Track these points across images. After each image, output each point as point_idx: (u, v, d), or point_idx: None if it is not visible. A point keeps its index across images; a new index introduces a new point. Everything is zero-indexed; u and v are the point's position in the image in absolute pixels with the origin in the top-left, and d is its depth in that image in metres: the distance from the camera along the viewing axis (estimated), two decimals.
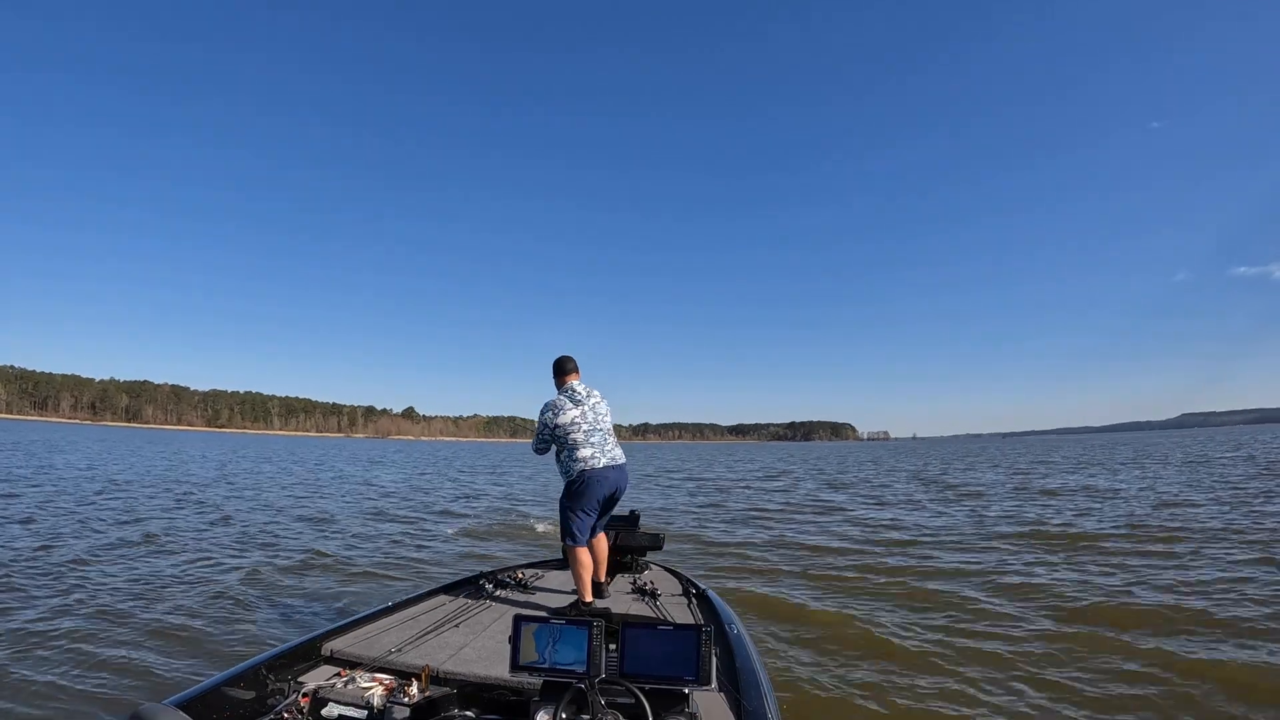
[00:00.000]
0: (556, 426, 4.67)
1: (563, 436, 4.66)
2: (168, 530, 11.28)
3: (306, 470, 31.71)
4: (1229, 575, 8.03)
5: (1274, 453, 38.82)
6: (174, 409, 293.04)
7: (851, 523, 14.33)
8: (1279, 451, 39.49)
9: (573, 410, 4.68)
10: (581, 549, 4.53)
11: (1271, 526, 11.51)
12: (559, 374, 4.91)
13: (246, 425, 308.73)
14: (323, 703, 2.78)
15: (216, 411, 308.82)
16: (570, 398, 4.73)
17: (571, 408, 4.69)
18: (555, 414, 4.67)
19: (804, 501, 19.31)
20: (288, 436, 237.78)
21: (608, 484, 4.69)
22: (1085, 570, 8.72)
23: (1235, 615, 6.53)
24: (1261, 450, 42.36)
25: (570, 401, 4.71)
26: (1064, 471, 29.54)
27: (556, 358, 4.94)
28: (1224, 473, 24.61)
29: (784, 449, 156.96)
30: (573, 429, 4.65)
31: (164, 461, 32.61)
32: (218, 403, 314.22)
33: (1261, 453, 39.08)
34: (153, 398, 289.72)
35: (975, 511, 15.71)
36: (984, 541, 11.28)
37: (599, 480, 4.65)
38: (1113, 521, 12.94)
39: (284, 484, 22.84)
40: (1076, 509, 15.36)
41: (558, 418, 4.67)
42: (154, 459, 34.31)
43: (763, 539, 12.04)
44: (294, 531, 12.01)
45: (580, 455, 4.64)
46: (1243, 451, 41.89)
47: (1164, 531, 11.44)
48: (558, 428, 4.66)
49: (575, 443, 4.65)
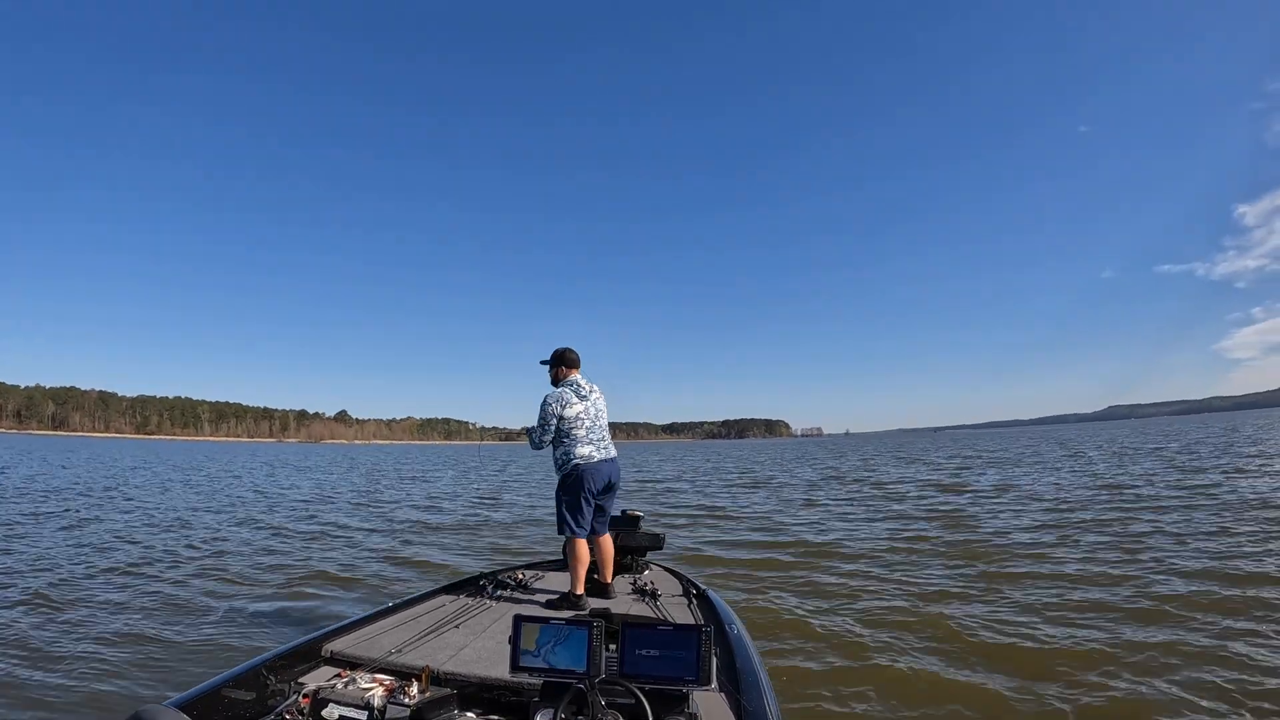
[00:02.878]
0: (562, 419, 4.67)
1: (566, 430, 4.67)
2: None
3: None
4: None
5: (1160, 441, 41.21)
6: (102, 416, 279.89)
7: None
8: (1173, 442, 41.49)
9: (577, 405, 4.71)
10: (580, 540, 4.58)
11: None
12: (561, 365, 4.87)
13: (176, 431, 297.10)
14: (323, 703, 2.76)
15: (145, 418, 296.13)
16: (575, 392, 4.74)
17: (576, 402, 4.71)
18: (562, 406, 4.67)
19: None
20: (218, 442, 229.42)
21: (601, 476, 4.75)
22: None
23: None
24: (1170, 440, 44.41)
25: (575, 395, 4.72)
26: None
27: (559, 348, 4.88)
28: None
29: (716, 447, 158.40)
30: (576, 424, 4.68)
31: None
32: (146, 409, 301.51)
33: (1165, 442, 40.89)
34: (80, 404, 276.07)
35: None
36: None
37: (594, 473, 4.71)
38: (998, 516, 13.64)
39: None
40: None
41: (564, 410, 4.67)
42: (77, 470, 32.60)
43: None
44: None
45: (579, 452, 4.68)
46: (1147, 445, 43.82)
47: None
48: (563, 420, 4.67)
49: (575, 439, 4.69)
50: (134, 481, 25.12)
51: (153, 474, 30.49)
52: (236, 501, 18.67)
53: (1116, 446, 41.10)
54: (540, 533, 12.80)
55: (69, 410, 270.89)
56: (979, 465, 30.91)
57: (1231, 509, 12.29)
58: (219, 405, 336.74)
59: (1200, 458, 26.22)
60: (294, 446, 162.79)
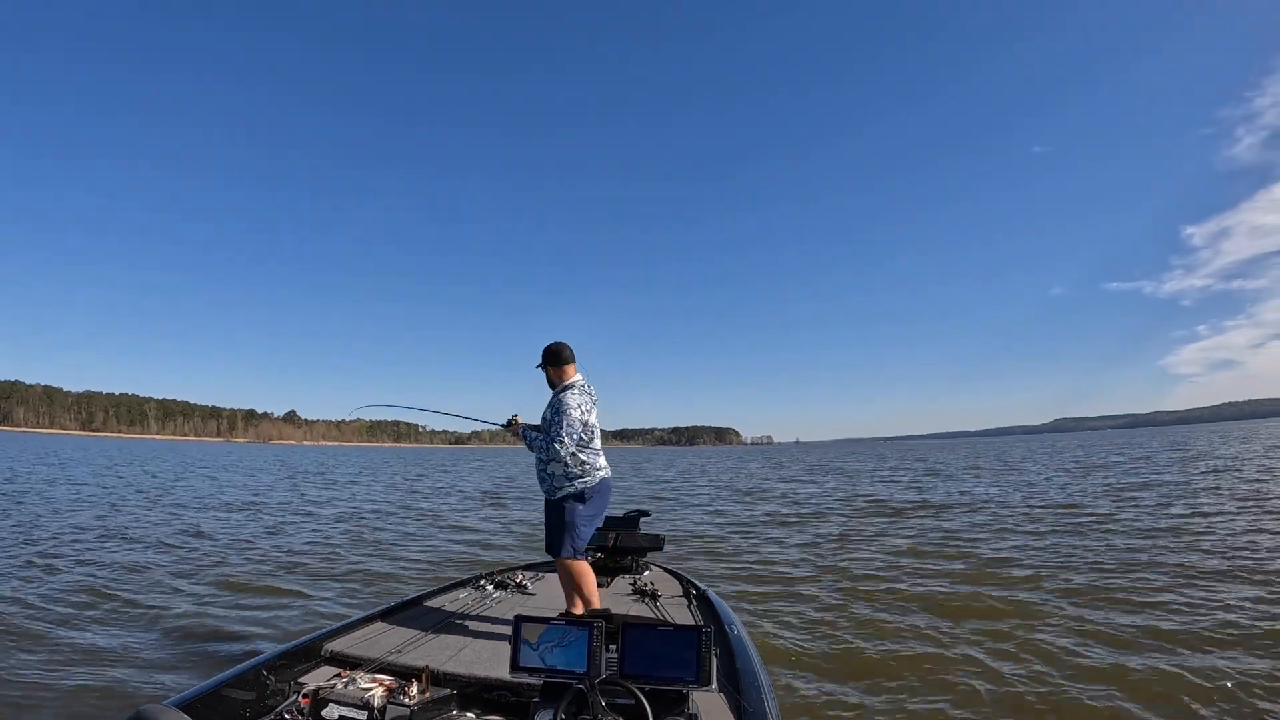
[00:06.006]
0: (586, 425, 4.16)
1: (587, 439, 4.17)
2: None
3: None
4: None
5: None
6: (46, 411, 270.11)
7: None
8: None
9: (594, 410, 4.26)
10: (582, 560, 4.18)
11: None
12: (557, 363, 4.30)
13: (122, 429, 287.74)
14: (323, 703, 2.76)
15: (91, 414, 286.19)
16: (588, 395, 4.25)
17: (592, 406, 4.24)
18: (583, 410, 4.15)
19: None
20: (165, 440, 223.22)
21: (609, 493, 4.40)
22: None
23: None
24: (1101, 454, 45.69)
25: (589, 399, 4.24)
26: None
27: (552, 344, 4.30)
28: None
29: (668, 453, 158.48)
30: (594, 432, 4.22)
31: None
32: (92, 405, 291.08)
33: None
34: (24, 399, 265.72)
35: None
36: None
37: (609, 489, 4.37)
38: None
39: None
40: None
41: (588, 415, 4.18)
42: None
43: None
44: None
45: (600, 464, 4.25)
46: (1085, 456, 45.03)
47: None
48: (586, 427, 4.16)
49: (595, 449, 4.23)
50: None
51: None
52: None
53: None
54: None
55: (13, 405, 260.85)
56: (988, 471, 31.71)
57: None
58: (166, 403, 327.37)
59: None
60: (245, 447, 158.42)
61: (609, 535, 5.53)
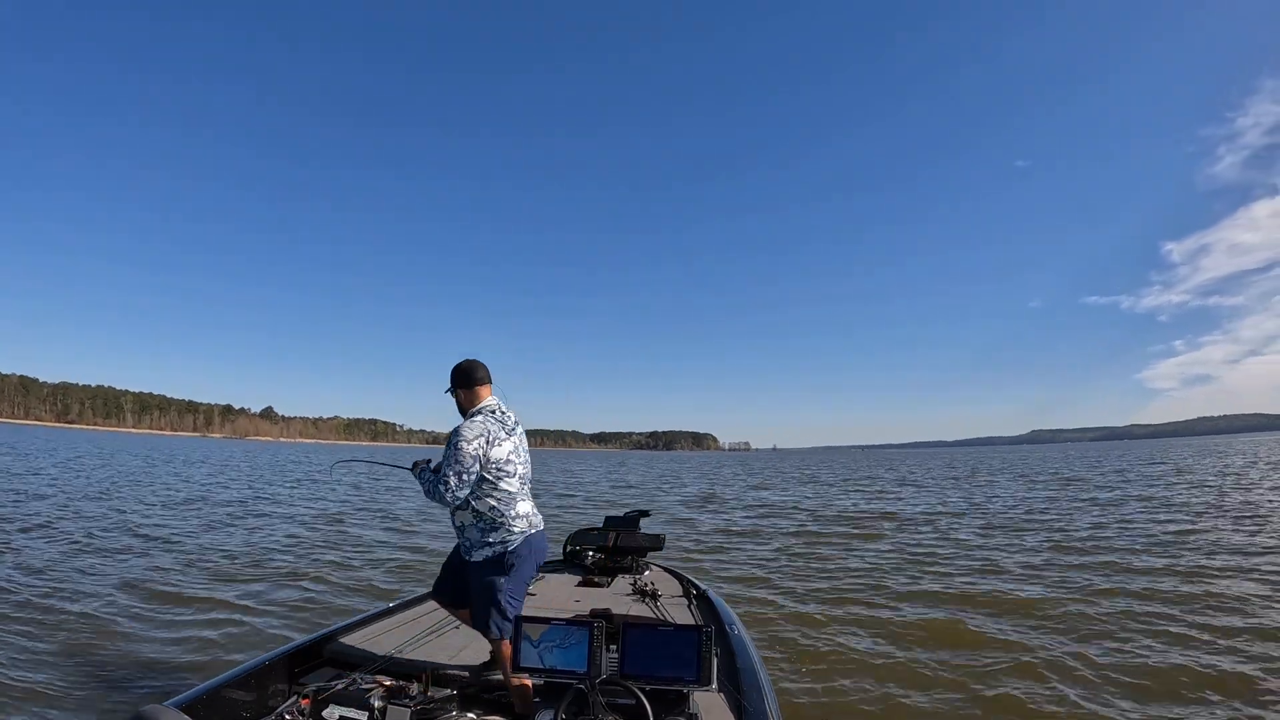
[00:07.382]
0: (487, 463, 3.20)
1: (493, 478, 3.22)
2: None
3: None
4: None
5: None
6: (21, 402, 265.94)
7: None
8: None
9: (506, 442, 3.28)
10: (507, 641, 3.04)
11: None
12: (466, 384, 3.38)
13: (98, 422, 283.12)
14: (324, 704, 2.73)
15: (66, 406, 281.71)
16: (500, 423, 3.30)
17: (504, 438, 3.28)
18: (489, 442, 3.20)
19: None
20: (141, 435, 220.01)
21: (542, 548, 3.45)
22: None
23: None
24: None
25: (500, 428, 3.28)
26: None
27: (461, 362, 3.42)
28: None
29: (652, 457, 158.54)
30: (506, 470, 3.26)
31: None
32: (68, 396, 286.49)
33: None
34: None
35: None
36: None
37: (540, 546, 3.41)
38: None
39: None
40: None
41: (492, 448, 3.21)
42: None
43: None
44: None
45: (520, 511, 3.31)
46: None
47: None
48: (488, 464, 3.21)
49: (509, 493, 3.27)
50: None
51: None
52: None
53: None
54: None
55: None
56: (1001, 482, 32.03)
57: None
58: (142, 396, 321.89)
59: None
60: (221, 443, 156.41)
61: (609, 535, 5.55)
